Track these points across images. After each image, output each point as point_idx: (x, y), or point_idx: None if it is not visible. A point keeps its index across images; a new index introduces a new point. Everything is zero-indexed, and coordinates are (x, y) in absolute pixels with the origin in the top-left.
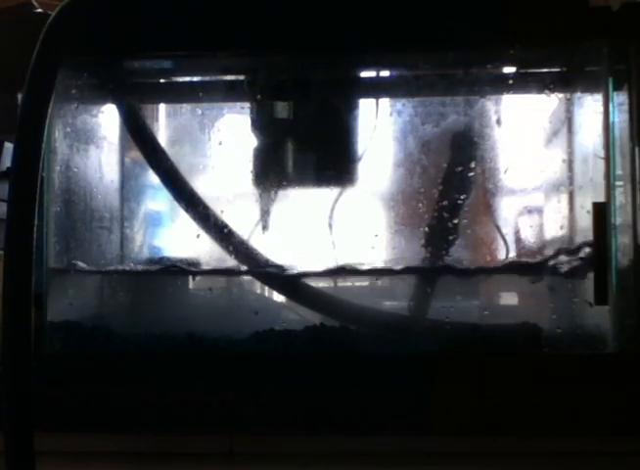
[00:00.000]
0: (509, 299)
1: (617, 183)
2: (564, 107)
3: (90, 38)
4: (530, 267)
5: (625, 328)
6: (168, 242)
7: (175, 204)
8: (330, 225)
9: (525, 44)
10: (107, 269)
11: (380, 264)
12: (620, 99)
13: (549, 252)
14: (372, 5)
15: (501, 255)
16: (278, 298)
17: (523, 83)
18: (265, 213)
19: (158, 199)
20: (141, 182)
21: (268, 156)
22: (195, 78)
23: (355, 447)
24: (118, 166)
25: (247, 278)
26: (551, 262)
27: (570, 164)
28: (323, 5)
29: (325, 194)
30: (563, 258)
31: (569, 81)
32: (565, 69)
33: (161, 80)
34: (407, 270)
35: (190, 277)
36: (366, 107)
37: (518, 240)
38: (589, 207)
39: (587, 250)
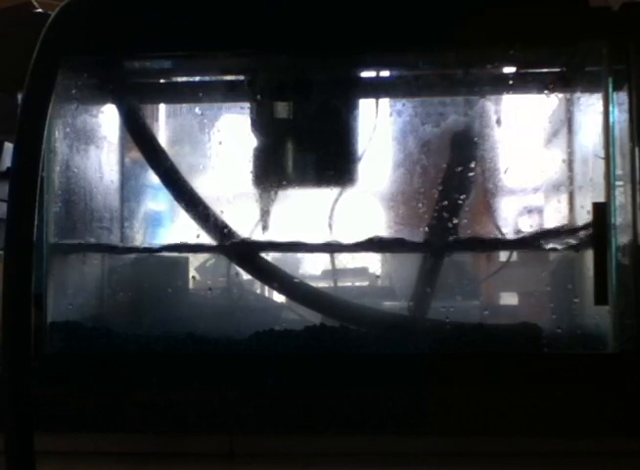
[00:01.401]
0: (509, 298)
1: (617, 183)
2: (564, 107)
3: (90, 38)
4: None
5: (625, 328)
6: (168, 242)
7: (175, 203)
8: (330, 225)
9: (525, 44)
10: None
11: (379, 264)
12: (620, 99)
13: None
14: (372, 5)
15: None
16: (278, 298)
17: (523, 83)
18: (265, 214)
19: (157, 199)
20: (141, 182)
21: (268, 156)
22: (195, 78)
23: (355, 447)
24: (118, 166)
25: (246, 278)
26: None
27: (570, 164)
28: (323, 5)
29: (325, 194)
30: None
31: (569, 81)
32: (565, 69)
33: (161, 80)
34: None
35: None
36: (366, 107)
37: None
38: (589, 207)
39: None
